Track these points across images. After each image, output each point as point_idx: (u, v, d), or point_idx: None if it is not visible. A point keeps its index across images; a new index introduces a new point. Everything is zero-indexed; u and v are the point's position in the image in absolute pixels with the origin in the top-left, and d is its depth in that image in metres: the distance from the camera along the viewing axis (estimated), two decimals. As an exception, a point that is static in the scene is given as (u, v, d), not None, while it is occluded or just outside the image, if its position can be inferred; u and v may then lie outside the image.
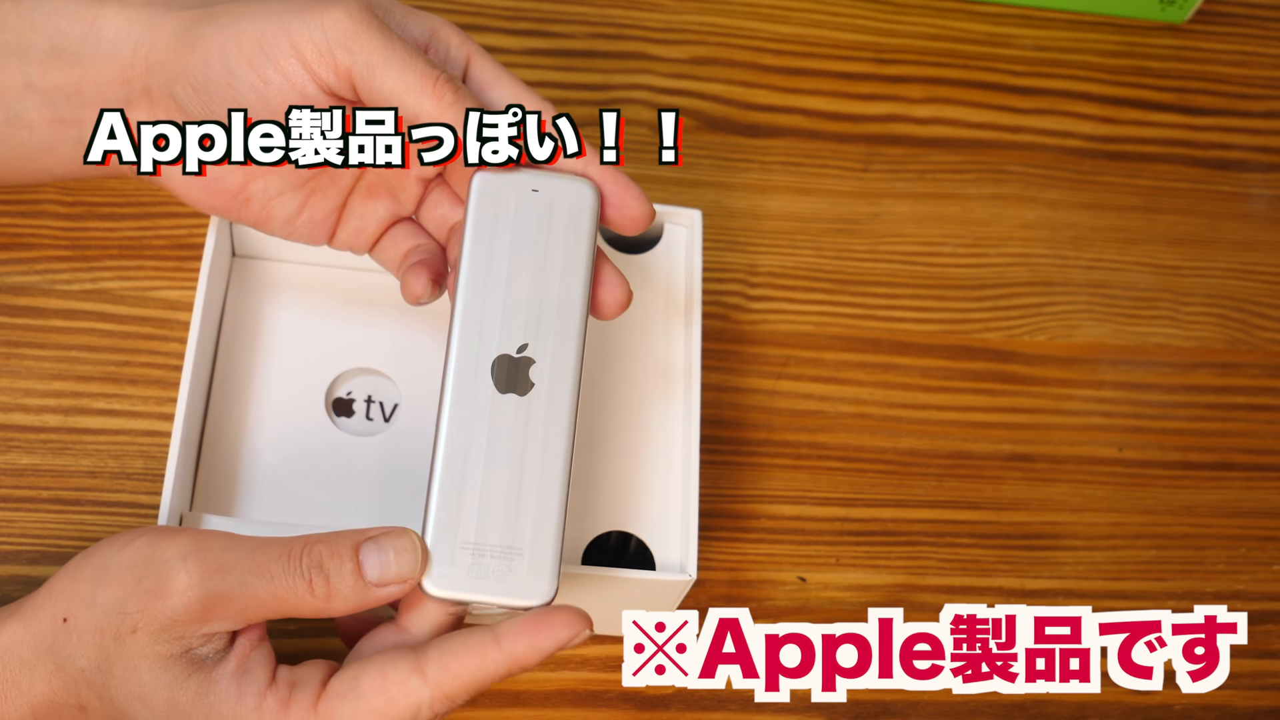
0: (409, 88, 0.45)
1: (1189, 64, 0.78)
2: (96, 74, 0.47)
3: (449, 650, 0.43)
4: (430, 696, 0.43)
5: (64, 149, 0.50)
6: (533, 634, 0.43)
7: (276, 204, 0.50)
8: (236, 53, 0.45)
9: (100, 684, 0.44)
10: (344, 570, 0.43)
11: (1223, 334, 0.72)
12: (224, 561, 0.44)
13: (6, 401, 0.60)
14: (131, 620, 0.44)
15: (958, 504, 0.66)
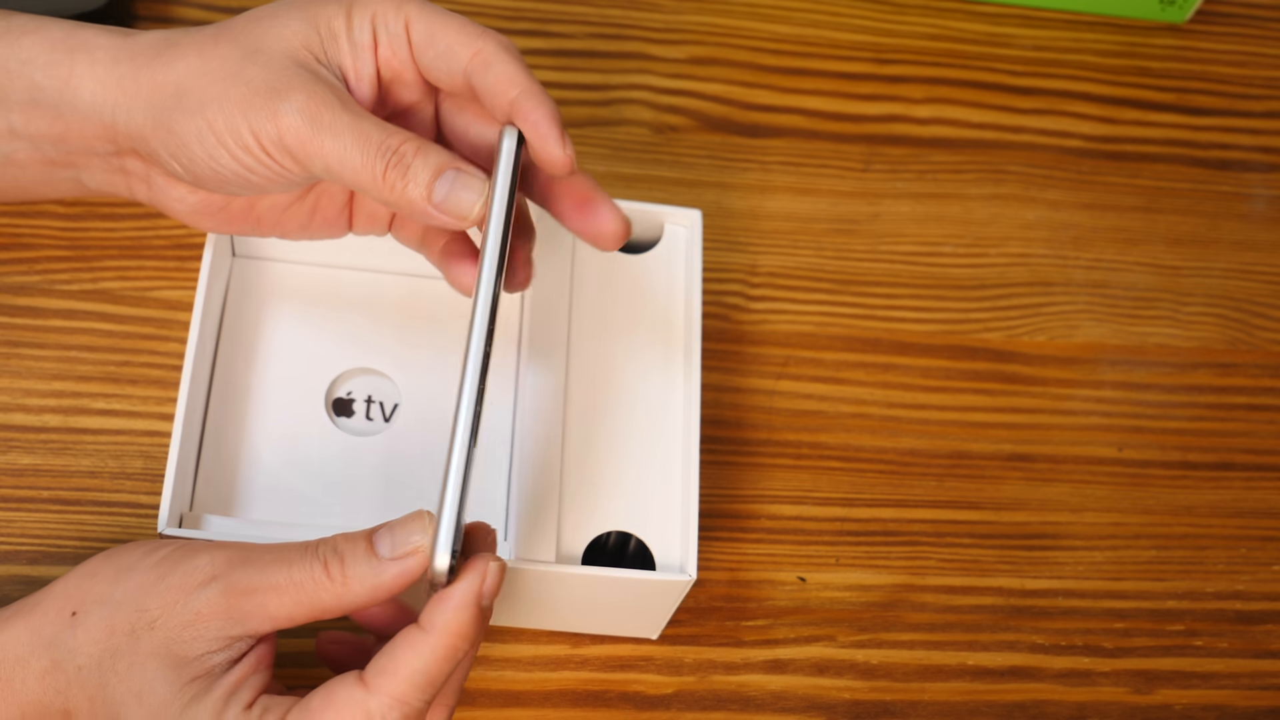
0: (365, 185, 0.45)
1: (1189, 64, 0.78)
2: (81, 129, 0.47)
3: (383, 653, 0.43)
4: (377, 702, 0.42)
5: (60, 184, 0.50)
6: (443, 598, 0.43)
7: (287, 216, 0.50)
8: (214, 142, 0.45)
9: (95, 683, 0.44)
10: (357, 550, 0.44)
11: (1223, 334, 0.72)
12: (248, 554, 0.44)
13: (6, 401, 0.60)
14: (151, 616, 0.44)
15: (958, 504, 0.66)
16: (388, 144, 0.45)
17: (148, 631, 0.43)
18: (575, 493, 0.56)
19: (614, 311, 0.59)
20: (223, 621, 0.44)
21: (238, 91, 0.45)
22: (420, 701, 0.43)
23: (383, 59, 0.48)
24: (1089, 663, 0.63)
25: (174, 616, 0.43)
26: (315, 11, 0.47)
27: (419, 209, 0.45)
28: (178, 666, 0.43)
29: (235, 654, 0.44)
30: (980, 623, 0.64)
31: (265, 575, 0.44)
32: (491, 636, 0.60)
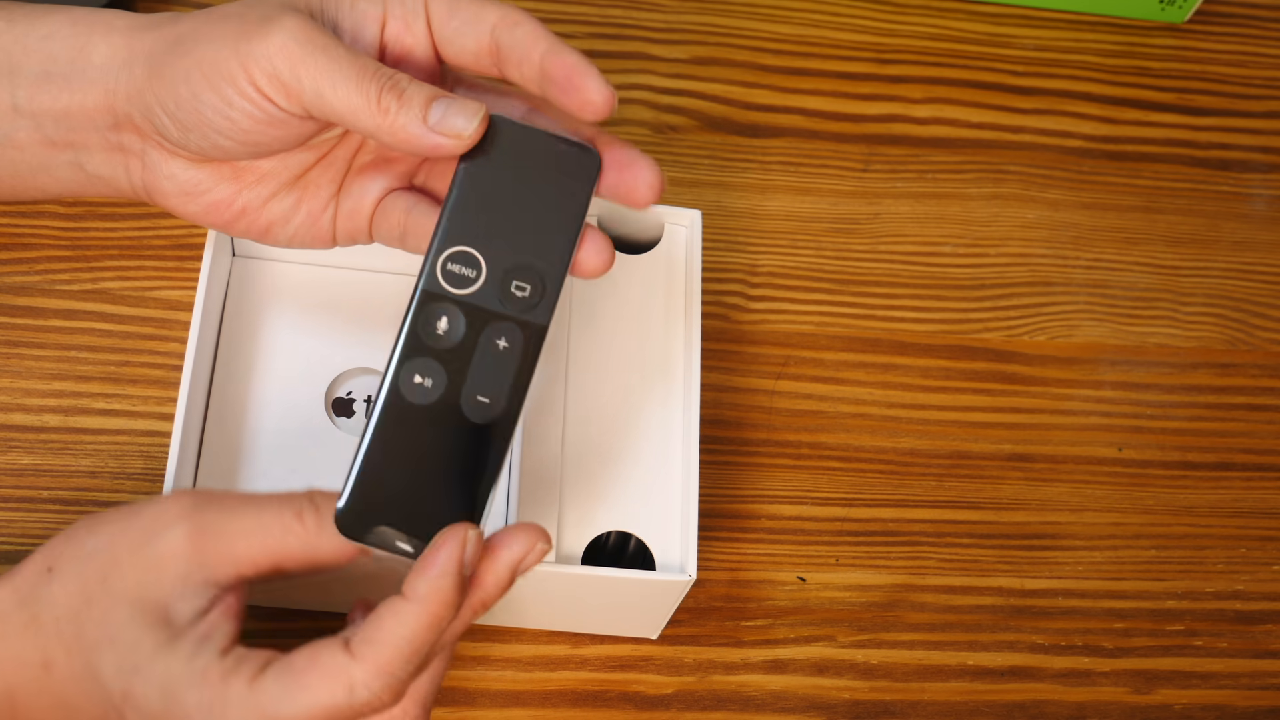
0: (356, 112, 0.44)
1: (1189, 64, 0.78)
2: (84, 99, 0.48)
3: (369, 622, 0.43)
4: (361, 671, 0.42)
5: (59, 170, 0.50)
6: (425, 566, 0.43)
7: (271, 207, 0.50)
8: (200, 78, 0.45)
9: (72, 633, 0.44)
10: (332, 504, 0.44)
11: (1223, 334, 0.72)
12: (218, 498, 0.44)
13: (6, 401, 0.60)
14: (120, 561, 0.44)
15: (958, 504, 0.66)
16: (382, 71, 0.45)
17: (118, 576, 0.44)
18: (575, 493, 0.56)
19: (614, 311, 0.59)
20: (187, 563, 0.43)
21: (230, 27, 0.45)
22: (404, 672, 0.43)
23: (391, 34, 0.47)
24: (1089, 663, 0.63)
25: (142, 559, 0.44)
26: None
27: (413, 132, 0.44)
28: (146, 610, 0.43)
29: (204, 601, 0.44)
30: (980, 623, 0.64)
31: (233, 518, 0.44)
32: (491, 636, 0.60)
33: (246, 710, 0.42)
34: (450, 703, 0.58)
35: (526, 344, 0.45)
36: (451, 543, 0.43)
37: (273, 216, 0.50)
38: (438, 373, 0.45)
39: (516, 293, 0.45)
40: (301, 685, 0.42)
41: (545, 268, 0.45)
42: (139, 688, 0.43)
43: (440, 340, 0.45)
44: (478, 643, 0.60)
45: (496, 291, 0.45)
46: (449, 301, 0.45)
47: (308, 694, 0.42)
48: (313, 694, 0.42)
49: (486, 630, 0.60)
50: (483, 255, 0.45)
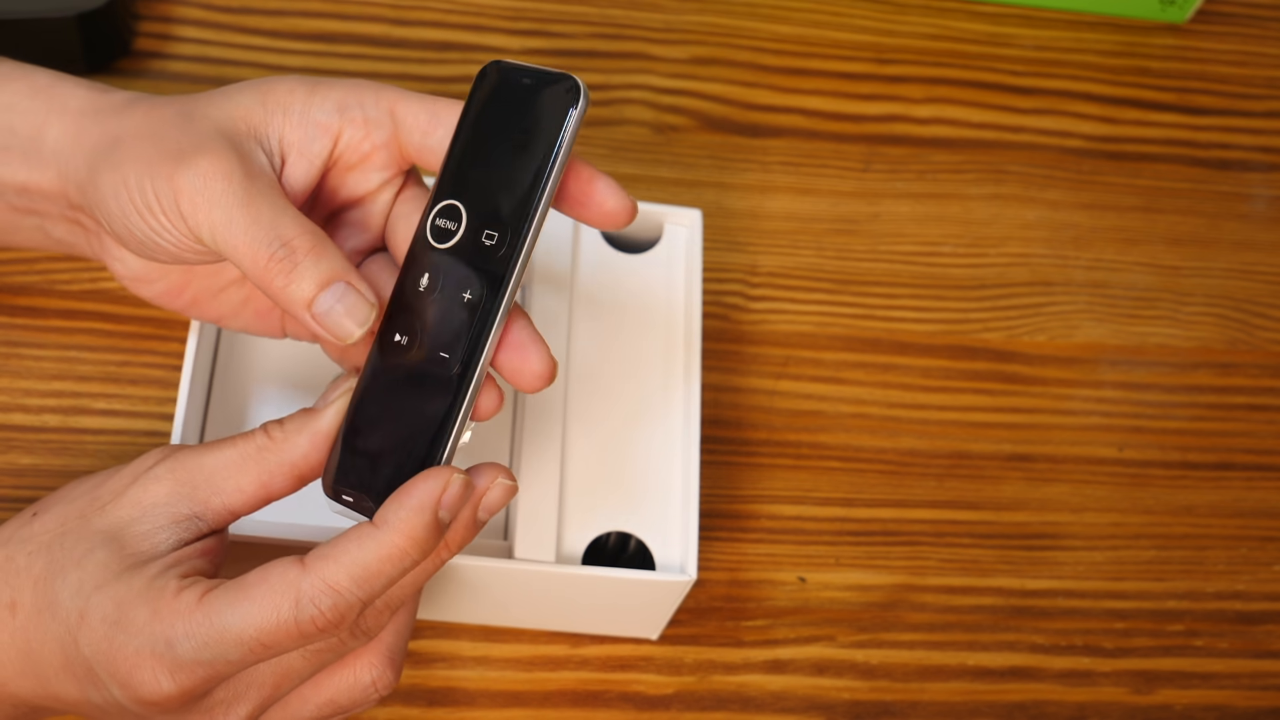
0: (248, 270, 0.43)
1: (1189, 64, 0.78)
2: (40, 180, 0.47)
3: (330, 541, 0.42)
4: (309, 583, 0.41)
5: (25, 232, 0.50)
6: (401, 496, 0.42)
7: (222, 298, 0.50)
8: (126, 199, 0.44)
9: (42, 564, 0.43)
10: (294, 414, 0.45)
11: (1223, 334, 0.72)
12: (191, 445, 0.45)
13: (6, 401, 0.60)
14: (102, 501, 0.44)
15: (958, 504, 0.66)
16: (280, 234, 0.43)
17: (98, 514, 0.44)
18: (575, 493, 0.56)
19: (614, 311, 0.59)
20: (170, 497, 0.44)
21: (150, 150, 0.44)
22: (354, 596, 0.41)
23: (347, 142, 0.46)
24: (1089, 663, 0.63)
25: (124, 499, 0.44)
26: (271, 88, 0.46)
27: (297, 313, 0.43)
28: (122, 542, 0.43)
29: (185, 535, 0.44)
30: (980, 623, 0.64)
31: (212, 454, 0.44)
32: (491, 636, 0.60)
33: (191, 623, 0.41)
34: (450, 703, 0.58)
35: (488, 295, 0.43)
36: (432, 480, 0.42)
37: (222, 309, 0.50)
38: (414, 329, 0.44)
39: (486, 242, 0.44)
40: (249, 597, 0.41)
41: (510, 213, 0.43)
42: (95, 604, 0.42)
43: (420, 297, 0.44)
44: (477, 643, 0.60)
45: (470, 242, 0.44)
46: (432, 256, 0.44)
47: (254, 607, 0.41)
48: (259, 607, 0.41)
49: (486, 630, 0.60)
50: (465, 206, 0.44)
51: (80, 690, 0.43)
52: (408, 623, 0.47)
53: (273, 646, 0.42)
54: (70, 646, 0.43)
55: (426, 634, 0.59)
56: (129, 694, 0.42)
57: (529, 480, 0.55)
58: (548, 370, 0.44)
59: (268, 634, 0.41)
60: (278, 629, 0.41)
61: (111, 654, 0.42)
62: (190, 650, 0.41)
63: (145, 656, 0.41)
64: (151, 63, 0.68)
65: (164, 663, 0.41)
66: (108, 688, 0.42)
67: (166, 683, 0.42)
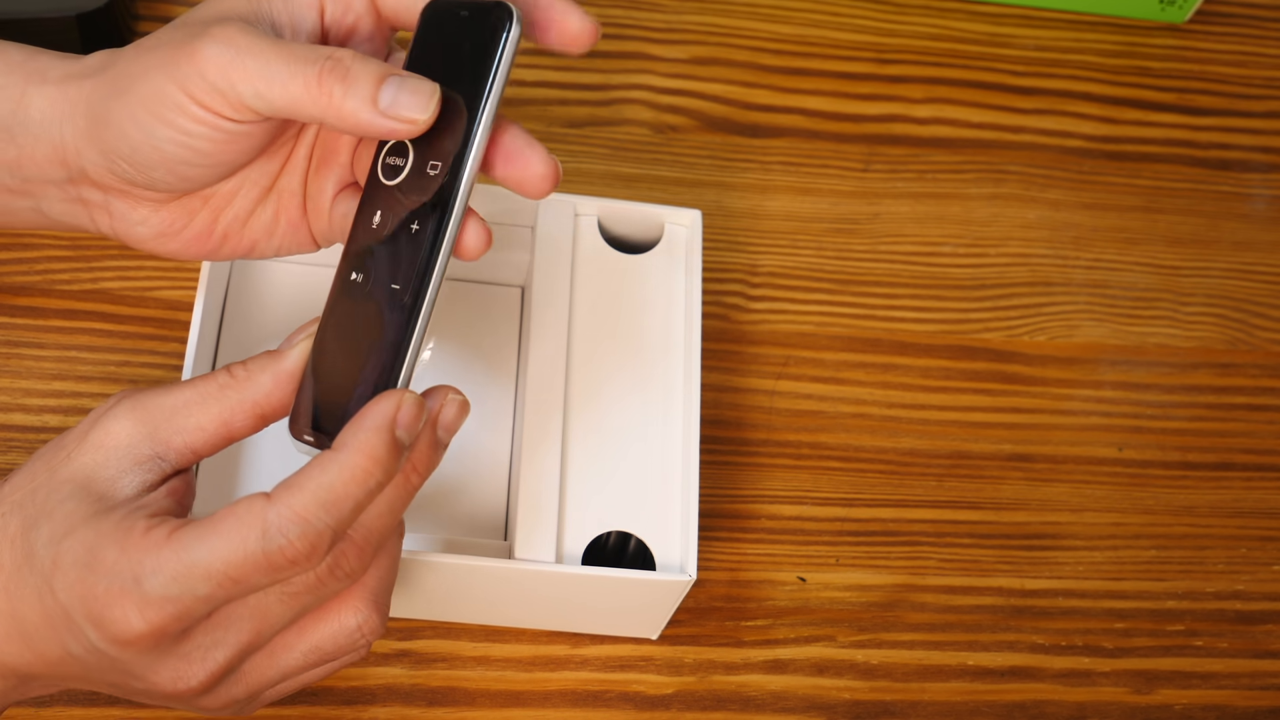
0: (299, 100, 0.43)
1: (1189, 64, 0.78)
2: (33, 152, 0.47)
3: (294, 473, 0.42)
4: (275, 513, 0.41)
5: (21, 213, 0.50)
6: (357, 420, 0.42)
7: (252, 224, 0.49)
8: (147, 115, 0.44)
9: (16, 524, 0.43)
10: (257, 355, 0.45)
11: (1223, 334, 0.72)
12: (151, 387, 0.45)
13: (6, 401, 0.60)
14: (67, 450, 0.44)
15: (958, 504, 0.66)
16: (319, 52, 0.43)
17: (65, 463, 0.44)
18: (575, 493, 0.56)
19: (614, 311, 0.59)
20: (131, 437, 0.43)
21: (160, 55, 0.44)
22: (322, 522, 0.41)
23: (331, 17, 0.46)
24: (1089, 663, 0.63)
25: (86, 443, 0.44)
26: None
27: (362, 118, 0.43)
28: (90, 486, 0.43)
29: (153, 477, 0.44)
30: (980, 623, 0.64)
31: (172, 394, 0.44)
32: (491, 636, 0.60)
33: (159, 559, 0.41)
34: (450, 703, 0.58)
35: (435, 225, 0.43)
36: (386, 400, 0.42)
37: (255, 234, 0.49)
38: (368, 267, 0.44)
39: (430, 172, 0.44)
40: (215, 531, 0.41)
41: (451, 141, 0.44)
42: (66, 549, 0.42)
43: (374, 234, 0.45)
44: (478, 643, 0.60)
45: (416, 176, 0.44)
46: (383, 193, 0.45)
47: (221, 539, 0.41)
48: (226, 539, 0.41)
49: (486, 630, 0.60)
50: (410, 141, 0.44)
51: (60, 643, 0.43)
52: (390, 566, 0.46)
53: (241, 581, 0.41)
54: (47, 596, 0.42)
55: (426, 634, 0.59)
56: (103, 634, 0.42)
57: (529, 480, 0.55)
58: (551, 171, 0.44)
59: (235, 566, 0.41)
60: (245, 560, 0.41)
61: (84, 595, 0.42)
62: (158, 585, 0.41)
63: (115, 594, 0.41)
64: (151, 63, 0.68)
65: (132, 599, 0.41)
66: (84, 632, 0.42)
67: (136, 619, 0.41)
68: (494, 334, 0.62)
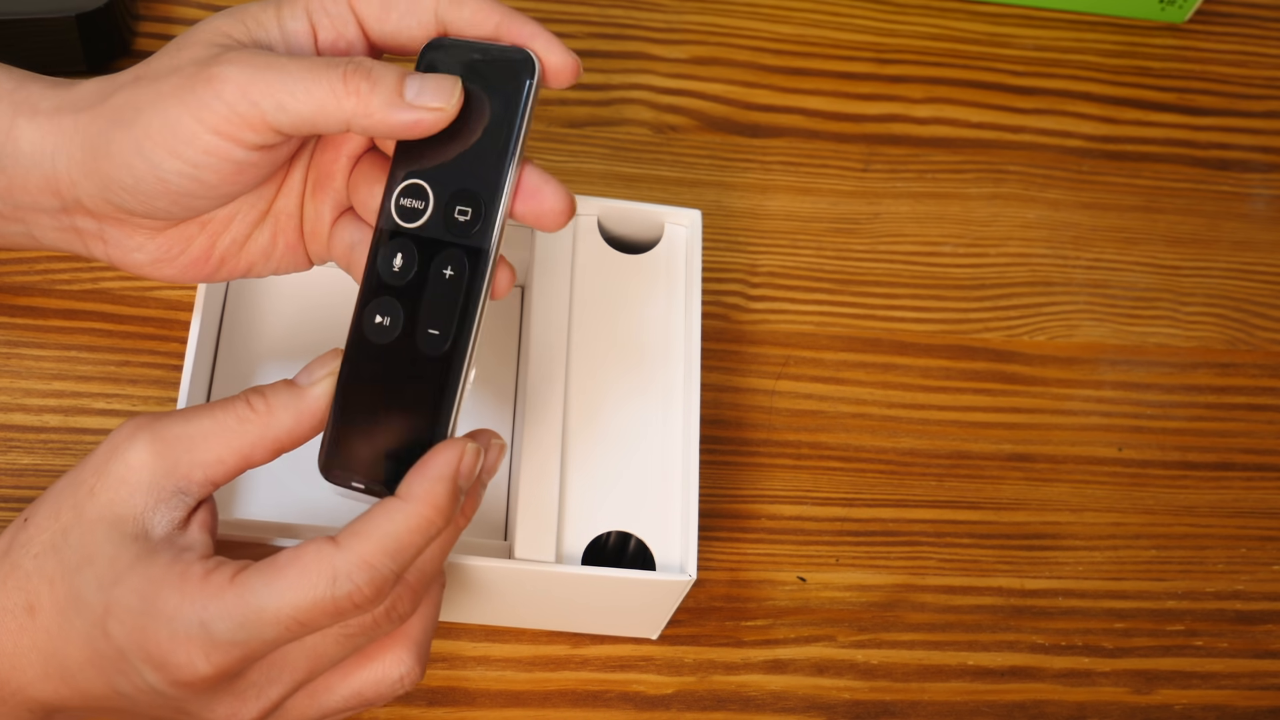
0: (324, 105, 0.43)
1: (1189, 64, 0.78)
2: (25, 182, 0.47)
3: (358, 518, 0.43)
4: (345, 560, 0.42)
5: (13, 237, 0.49)
6: (421, 468, 0.43)
7: (249, 248, 0.49)
8: (153, 148, 0.44)
9: (53, 564, 0.43)
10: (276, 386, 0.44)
11: (1223, 334, 0.72)
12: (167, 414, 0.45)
13: (6, 401, 0.60)
14: (88, 486, 0.44)
15: (958, 504, 0.66)
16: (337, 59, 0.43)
17: (89, 500, 0.44)
18: (575, 493, 0.56)
19: (614, 311, 0.59)
20: (153, 472, 0.43)
21: (170, 85, 0.44)
22: (388, 569, 0.42)
23: (324, 44, 0.46)
24: (1089, 663, 0.63)
25: (109, 479, 0.44)
26: (243, 8, 0.46)
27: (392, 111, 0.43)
28: (123, 526, 0.43)
29: (179, 513, 0.44)
30: (980, 623, 0.64)
31: (190, 423, 0.44)
32: (491, 636, 0.60)
33: (226, 604, 0.41)
34: (450, 703, 0.58)
35: (470, 270, 0.44)
36: (450, 450, 0.43)
37: (252, 257, 0.49)
38: (395, 310, 0.45)
39: (459, 218, 0.45)
40: (284, 577, 0.42)
41: (482, 187, 0.44)
42: (119, 597, 0.42)
43: (397, 277, 0.45)
44: (478, 643, 0.60)
45: (442, 219, 0.45)
46: (403, 236, 0.45)
47: (290, 585, 0.41)
48: (295, 585, 0.41)
49: (486, 630, 0.60)
50: (429, 184, 0.45)
51: (106, 681, 0.43)
52: (433, 616, 0.47)
53: (308, 624, 0.42)
54: (99, 640, 0.43)
55: (426, 634, 0.59)
56: (164, 676, 0.42)
57: (529, 480, 0.55)
58: (567, 206, 0.45)
59: (304, 611, 0.42)
60: (314, 606, 0.42)
61: (144, 641, 0.42)
62: (226, 630, 0.41)
63: (180, 640, 0.42)
64: (151, 63, 0.68)
65: (199, 644, 0.42)
66: (140, 673, 0.43)
67: (202, 664, 0.42)
68: (494, 334, 0.62)
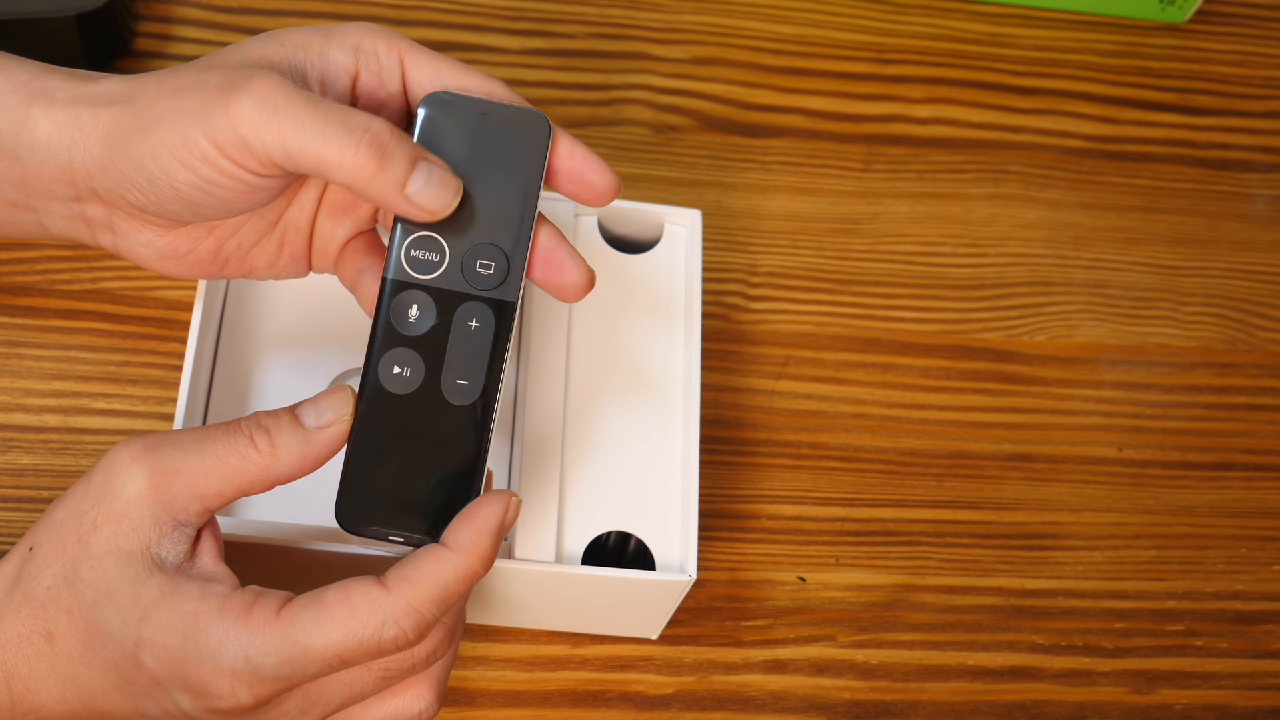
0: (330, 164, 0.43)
1: (1189, 64, 0.78)
2: (39, 171, 0.47)
3: (405, 563, 0.44)
4: (394, 605, 0.43)
5: (23, 225, 0.49)
6: (469, 519, 0.44)
7: (255, 254, 0.49)
8: (169, 159, 0.44)
9: (68, 596, 0.44)
10: (281, 422, 0.44)
11: (1223, 334, 0.72)
12: (165, 439, 0.44)
13: (6, 401, 0.60)
14: (90, 518, 0.44)
15: (958, 504, 0.66)
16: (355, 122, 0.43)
17: (93, 533, 0.44)
18: (575, 493, 0.56)
19: (614, 311, 0.59)
20: (154, 506, 0.43)
21: (192, 100, 0.44)
22: (432, 615, 0.43)
23: (364, 87, 0.46)
24: (1089, 663, 0.63)
25: (108, 511, 0.44)
26: (285, 33, 0.46)
27: (388, 199, 0.43)
28: (133, 560, 0.43)
29: (185, 545, 0.44)
30: (980, 623, 0.64)
31: (188, 456, 0.44)
32: (491, 636, 0.60)
33: (273, 640, 0.42)
34: (450, 703, 0.58)
35: (497, 321, 0.46)
36: (496, 501, 0.45)
37: (256, 261, 0.50)
38: (415, 361, 0.46)
39: (481, 271, 0.46)
40: (333, 616, 0.42)
41: (506, 242, 0.46)
42: (151, 634, 0.43)
43: (413, 328, 0.46)
44: (478, 643, 0.60)
45: (461, 272, 0.46)
46: (417, 288, 0.46)
47: (339, 626, 0.42)
48: (345, 625, 0.42)
49: (486, 630, 0.60)
50: (443, 237, 0.46)
51: (133, 705, 0.44)
52: (454, 654, 0.48)
53: (350, 662, 0.43)
54: (130, 670, 0.43)
55: (426, 634, 0.59)
56: (202, 704, 0.43)
57: (529, 480, 0.55)
58: (586, 280, 0.46)
59: (350, 651, 0.42)
60: (360, 646, 0.42)
61: (184, 673, 0.43)
62: (272, 666, 0.42)
63: (224, 674, 0.42)
64: (151, 63, 0.68)
65: (243, 678, 0.42)
66: (175, 699, 0.43)
67: (245, 696, 0.42)
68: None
